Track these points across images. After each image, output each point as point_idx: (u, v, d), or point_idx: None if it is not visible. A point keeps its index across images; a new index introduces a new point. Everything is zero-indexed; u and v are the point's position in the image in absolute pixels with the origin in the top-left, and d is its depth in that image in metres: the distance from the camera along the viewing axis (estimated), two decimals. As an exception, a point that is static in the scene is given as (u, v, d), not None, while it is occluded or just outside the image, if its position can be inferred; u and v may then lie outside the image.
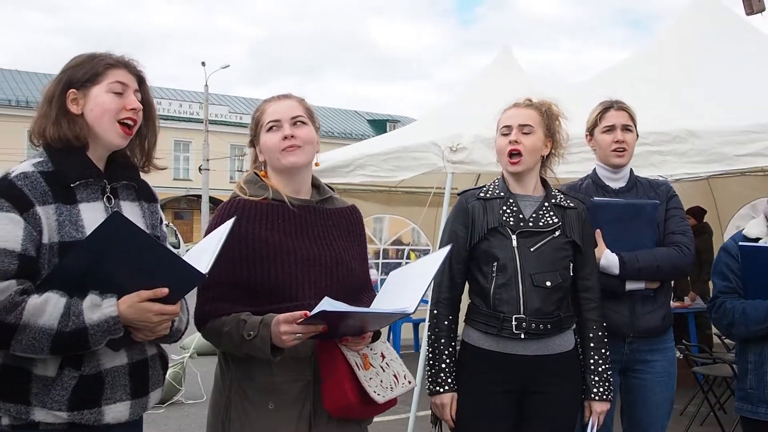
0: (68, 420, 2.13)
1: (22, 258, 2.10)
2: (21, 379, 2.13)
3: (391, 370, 2.57)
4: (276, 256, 2.48)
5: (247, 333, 2.36)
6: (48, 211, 2.16)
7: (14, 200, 2.13)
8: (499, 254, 2.96)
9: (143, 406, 2.31)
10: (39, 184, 2.17)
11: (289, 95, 2.70)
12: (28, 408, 2.12)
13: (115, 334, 2.10)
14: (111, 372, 2.20)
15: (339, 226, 2.67)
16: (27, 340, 2.04)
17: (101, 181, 2.30)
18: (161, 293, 2.10)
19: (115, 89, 2.29)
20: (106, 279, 2.10)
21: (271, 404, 2.46)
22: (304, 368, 2.48)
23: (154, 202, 2.49)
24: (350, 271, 2.61)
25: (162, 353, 2.44)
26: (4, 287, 2.05)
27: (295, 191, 2.63)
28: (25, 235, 2.11)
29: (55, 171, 2.22)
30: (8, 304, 2.03)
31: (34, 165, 2.23)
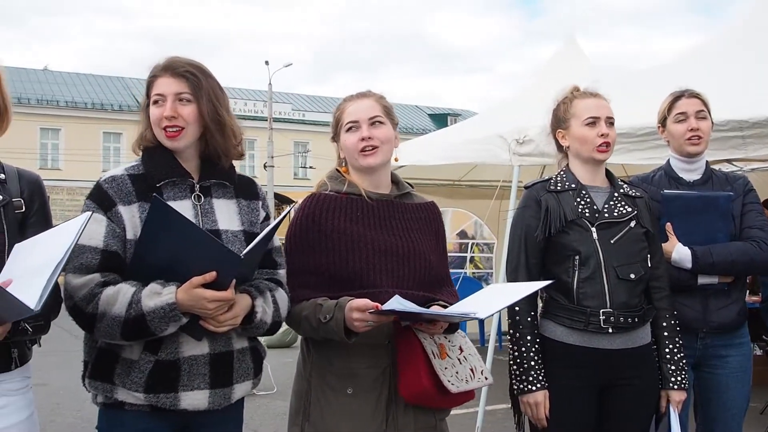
0: (146, 402, 2.27)
1: (104, 253, 2.27)
2: (110, 360, 2.31)
3: (468, 364, 2.61)
4: (354, 246, 2.58)
5: (323, 316, 2.46)
6: (131, 210, 2.31)
7: (99, 201, 2.32)
8: (579, 247, 2.92)
9: (226, 397, 2.37)
10: (125, 186, 2.34)
11: (368, 93, 2.75)
12: (112, 387, 2.30)
13: (176, 320, 2.20)
14: (189, 360, 2.29)
15: (417, 220, 2.74)
16: (104, 327, 2.21)
17: (187, 180, 2.41)
18: (209, 278, 2.17)
19: (155, 100, 2.40)
20: (171, 268, 2.21)
21: (350, 389, 2.55)
22: (382, 355, 2.55)
23: (256, 200, 2.57)
24: (427, 263, 2.67)
25: (256, 347, 2.50)
26: (87, 280, 2.22)
27: (374, 186, 2.72)
28: (107, 232, 2.28)
29: (144, 173, 2.39)
30: (89, 295, 2.22)
31: (126, 169, 2.42)
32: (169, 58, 2.44)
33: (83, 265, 2.24)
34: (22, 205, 2.31)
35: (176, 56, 2.44)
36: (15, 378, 2.27)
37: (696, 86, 3.50)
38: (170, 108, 2.37)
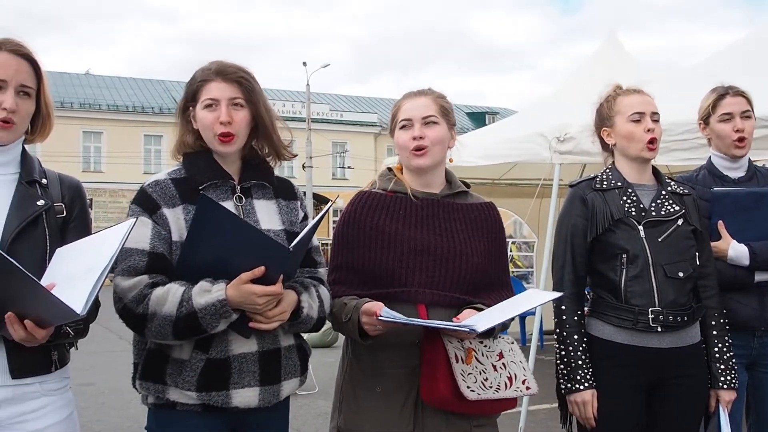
0: (198, 401, 2.29)
1: (151, 255, 2.31)
2: (160, 361, 2.34)
3: (507, 372, 2.54)
4: (390, 244, 2.59)
5: (344, 316, 2.50)
6: (176, 212, 2.35)
7: (144, 205, 2.36)
8: (627, 245, 2.89)
9: (274, 394, 2.39)
10: (168, 189, 2.38)
11: (426, 91, 2.74)
12: (164, 387, 2.32)
13: (227, 317, 2.22)
14: (239, 358, 2.32)
15: (465, 221, 2.70)
16: (155, 327, 2.23)
17: (228, 181, 2.44)
18: (259, 273, 2.18)
19: (207, 104, 2.41)
20: (218, 266, 2.23)
21: (379, 387, 2.56)
22: (411, 355, 2.54)
23: (294, 200, 2.59)
24: (470, 264, 2.62)
25: (302, 344, 2.52)
26: (135, 282, 2.26)
27: (424, 186, 2.71)
28: (153, 235, 2.31)
29: (186, 176, 2.43)
30: (139, 296, 2.25)
31: (168, 173, 2.46)
32: (219, 62, 2.45)
33: (131, 268, 2.27)
34: (63, 210, 2.33)
35: (225, 61, 2.46)
36: (55, 379, 2.29)
37: (738, 82, 3.44)
38: (226, 113, 2.39)
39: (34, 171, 2.33)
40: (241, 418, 2.37)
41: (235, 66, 2.46)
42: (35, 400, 2.22)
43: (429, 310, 2.54)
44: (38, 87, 2.32)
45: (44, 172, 2.37)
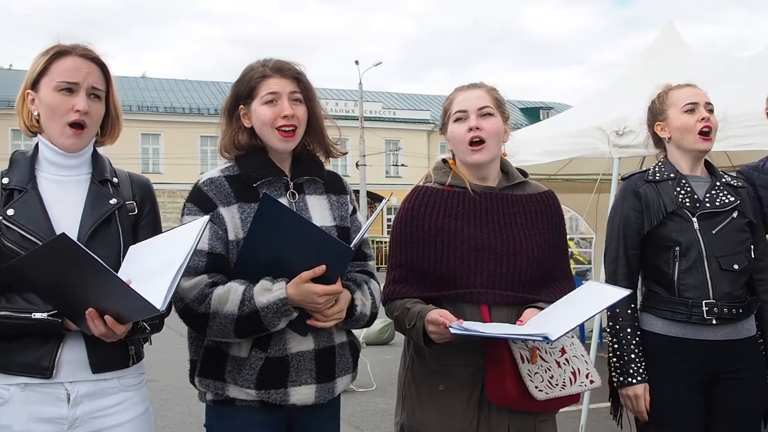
0: (257, 398, 2.33)
1: (210, 255, 2.33)
2: (219, 359, 2.37)
3: (570, 367, 2.50)
4: (451, 244, 2.54)
5: (408, 322, 2.47)
6: (231, 211, 2.36)
7: (201, 204, 2.38)
8: (680, 238, 2.86)
9: (330, 391, 2.42)
10: (223, 188, 2.39)
11: (479, 84, 2.71)
12: (223, 385, 2.36)
13: (288, 315, 2.25)
14: (296, 356, 2.35)
15: (525, 213, 2.64)
16: (217, 326, 2.27)
17: (282, 178, 2.45)
18: (320, 271, 2.20)
19: (267, 99, 2.42)
20: (277, 265, 2.24)
21: (442, 386, 2.53)
22: (475, 354, 2.50)
23: (344, 194, 2.60)
24: (530, 260, 2.58)
25: (353, 341, 2.54)
26: (196, 282, 2.29)
27: (481, 179, 2.67)
28: (211, 234, 2.34)
29: (240, 174, 2.43)
30: (200, 296, 2.28)
31: (221, 170, 2.46)
32: (275, 59, 2.47)
33: (191, 268, 2.29)
34: (135, 208, 2.38)
35: (281, 59, 2.48)
36: (132, 374, 2.35)
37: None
38: (288, 106, 2.41)
39: (106, 171, 2.39)
40: (297, 414, 2.40)
41: (291, 62, 2.48)
42: (114, 395, 2.28)
43: (491, 310, 2.51)
44: (107, 90, 2.37)
45: (115, 171, 2.43)
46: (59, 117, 2.27)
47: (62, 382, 2.20)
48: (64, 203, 2.28)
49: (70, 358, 2.21)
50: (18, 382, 2.19)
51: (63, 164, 2.32)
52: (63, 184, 2.31)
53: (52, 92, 2.27)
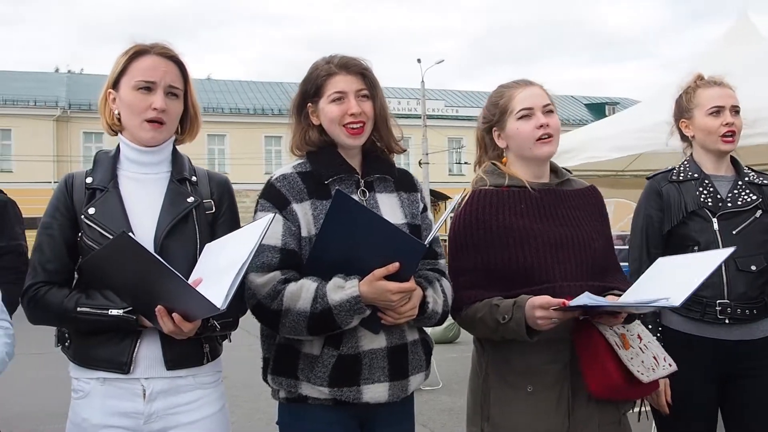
0: (330, 396, 2.31)
1: (283, 251, 2.34)
2: (292, 356, 2.37)
3: (650, 352, 2.51)
4: (524, 241, 2.51)
5: (501, 317, 2.41)
6: (304, 207, 2.36)
7: (274, 200, 2.37)
8: (699, 238, 2.89)
9: (403, 389, 2.40)
10: (296, 184, 2.39)
11: (533, 82, 2.69)
12: (296, 382, 2.36)
13: (361, 312, 2.23)
14: (369, 354, 2.33)
15: (581, 207, 2.66)
16: (289, 323, 2.26)
17: (353, 175, 2.44)
18: (393, 268, 2.17)
19: (335, 98, 2.41)
20: (349, 262, 2.23)
21: (530, 387, 2.48)
22: (561, 349, 2.48)
23: (415, 192, 2.59)
24: (594, 251, 2.59)
25: (425, 338, 2.52)
26: (269, 278, 2.29)
27: (537, 177, 2.65)
28: (284, 231, 2.33)
29: (312, 170, 2.42)
30: (272, 293, 2.28)
31: (294, 167, 2.46)
32: (340, 56, 2.47)
33: (264, 264, 2.31)
34: (212, 206, 2.42)
35: (346, 55, 2.47)
36: (208, 372, 2.38)
37: None
38: (356, 104, 2.41)
39: (185, 169, 2.43)
40: (370, 412, 2.38)
41: (357, 59, 2.48)
42: (189, 392, 2.32)
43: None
44: (185, 88, 2.40)
45: (194, 170, 2.47)
46: (137, 115, 2.32)
47: (139, 378, 2.25)
48: (143, 201, 2.33)
49: (146, 354, 2.25)
50: (97, 377, 2.26)
51: (143, 162, 2.38)
52: (143, 183, 2.37)
53: (131, 91, 2.32)
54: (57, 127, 37.57)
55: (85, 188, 2.33)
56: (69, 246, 2.30)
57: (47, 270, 2.28)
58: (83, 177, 2.37)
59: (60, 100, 38.23)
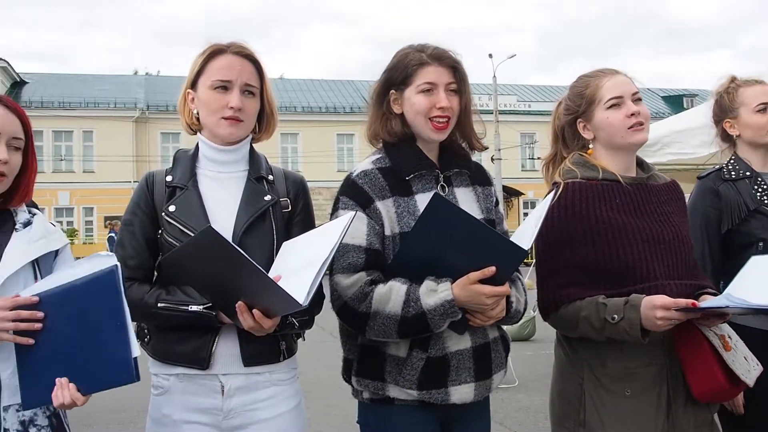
0: (418, 398, 2.28)
1: (368, 251, 2.29)
2: (377, 358, 2.33)
3: (740, 352, 2.40)
4: (623, 237, 2.42)
5: (610, 316, 2.31)
6: (387, 205, 2.32)
7: (357, 198, 2.33)
8: (763, 234, 2.84)
9: (487, 388, 2.38)
10: (377, 181, 2.35)
11: (619, 71, 2.60)
12: (383, 384, 2.32)
13: (453, 316, 2.18)
14: (456, 355, 2.30)
15: (669, 202, 2.56)
16: (378, 326, 2.23)
17: (433, 171, 2.40)
18: (489, 272, 2.12)
19: (424, 89, 2.35)
20: (438, 264, 2.18)
21: (628, 390, 2.39)
22: (657, 351, 2.39)
23: (489, 186, 2.54)
24: (689, 247, 2.51)
25: (504, 335, 2.48)
26: (355, 279, 2.25)
27: (625, 169, 2.55)
28: (368, 230, 2.30)
29: (392, 166, 2.38)
30: (360, 294, 2.24)
31: (373, 162, 2.41)
32: (433, 46, 2.40)
33: (350, 265, 2.27)
34: (288, 205, 2.40)
35: (439, 46, 2.41)
36: (283, 369, 2.37)
37: None
38: (445, 98, 2.35)
39: (262, 168, 2.43)
40: (451, 411, 2.36)
41: (450, 51, 2.41)
42: (266, 389, 2.31)
43: None
44: (261, 86, 2.40)
45: (270, 168, 2.46)
46: (215, 113, 2.33)
47: (217, 374, 2.26)
48: (221, 199, 2.34)
49: (224, 351, 2.26)
50: (177, 373, 2.28)
51: (221, 160, 2.39)
52: (221, 181, 2.38)
53: (208, 90, 2.33)
54: (136, 128, 38.70)
55: (165, 186, 2.35)
56: (149, 242, 2.33)
57: (128, 266, 2.29)
58: (163, 175, 2.39)
59: (139, 101, 39.38)
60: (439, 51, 2.39)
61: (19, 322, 1.96)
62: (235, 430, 2.30)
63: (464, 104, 2.43)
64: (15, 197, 2.20)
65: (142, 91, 40.76)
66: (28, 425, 2.05)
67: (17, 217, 2.18)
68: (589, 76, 2.61)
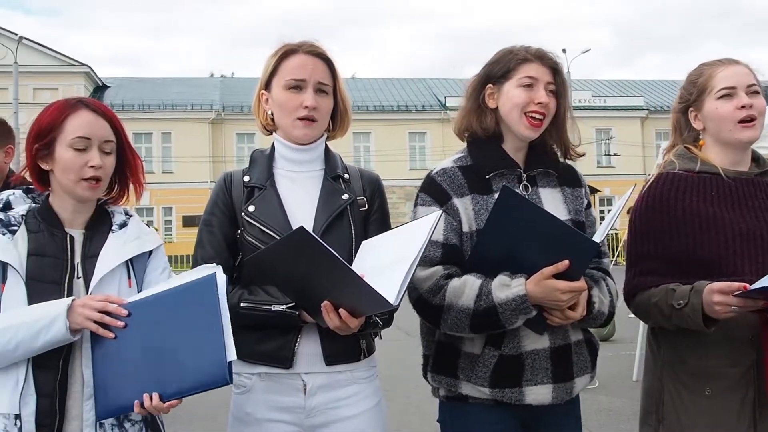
0: (491, 396, 2.27)
1: (445, 246, 2.30)
2: (452, 354, 2.34)
3: None
4: (710, 229, 2.33)
5: (676, 302, 2.25)
6: (465, 202, 2.32)
7: (435, 194, 2.35)
8: None
9: (568, 392, 2.33)
10: (456, 178, 2.35)
11: (739, 61, 2.49)
12: (456, 381, 2.33)
13: (526, 312, 2.16)
14: (531, 354, 2.27)
15: None
16: (451, 319, 2.23)
17: (515, 170, 2.38)
18: (562, 267, 2.09)
19: (524, 83, 2.34)
20: (513, 259, 2.16)
21: (708, 390, 2.31)
22: (745, 351, 2.28)
23: (579, 187, 2.49)
24: None
25: (590, 339, 2.43)
26: (431, 272, 2.26)
27: (734, 164, 2.45)
28: (445, 226, 2.30)
29: (473, 164, 2.38)
30: (434, 287, 2.25)
31: (454, 161, 2.42)
32: (537, 48, 2.41)
33: (427, 258, 2.26)
34: (365, 203, 2.41)
35: (541, 47, 2.41)
36: (364, 367, 2.38)
37: None
38: (544, 94, 2.34)
39: (338, 167, 2.45)
40: (533, 413, 2.31)
41: (551, 53, 2.41)
42: (347, 387, 2.33)
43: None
44: (334, 84, 2.41)
45: (346, 167, 2.48)
46: (289, 113, 2.35)
47: (299, 373, 2.29)
48: (299, 199, 2.37)
49: (305, 350, 2.28)
50: (259, 372, 2.30)
51: (297, 160, 2.41)
52: (298, 181, 2.41)
53: (282, 91, 2.35)
54: (212, 129, 39.49)
55: (243, 186, 2.38)
56: (228, 242, 2.35)
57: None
58: (241, 175, 2.42)
59: (214, 103, 40.21)
60: (542, 51, 2.40)
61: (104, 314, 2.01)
62: (317, 429, 2.31)
63: (563, 108, 2.41)
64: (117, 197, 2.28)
65: (218, 93, 41.59)
66: (123, 420, 2.10)
67: (114, 219, 2.24)
68: (705, 65, 2.53)
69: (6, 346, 1.97)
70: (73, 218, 2.17)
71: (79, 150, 2.09)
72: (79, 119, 2.12)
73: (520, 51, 2.38)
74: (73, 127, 2.10)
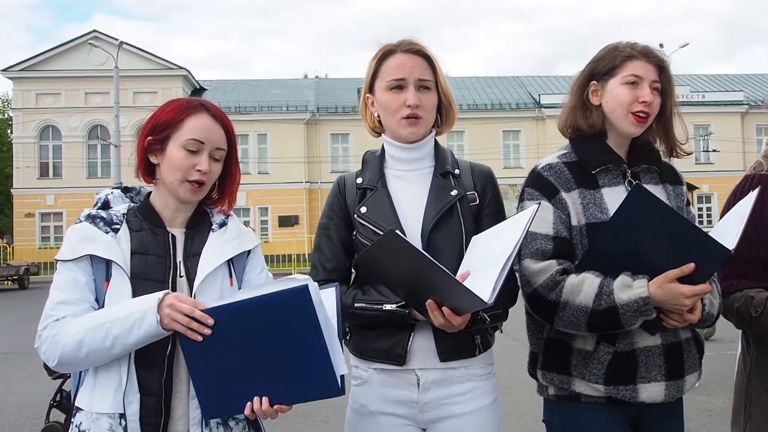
0: (605, 393, 2.23)
1: (556, 239, 2.27)
2: (563, 351, 2.30)
3: None
4: None
5: (754, 309, 2.26)
6: (573, 197, 2.30)
7: (542, 188, 2.33)
8: None
9: (679, 389, 2.28)
10: (562, 173, 2.34)
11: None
12: (569, 378, 2.29)
13: (647, 315, 2.11)
14: (644, 351, 2.23)
15: None
16: (567, 317, 2.19)
17: (620, 166, 2.36)
18: (688, 270, 2.03)
19: (629, 81, 2.32)
20: (635, 259, 2.11)
21: None
22: None
23: (680, 185, 2.46)
24: None
25: (697, 336, 2.38)
26: (545, 266, 2.24)
27: None
28: (554, 219, 2.29)
29: (578, 160, 2.36)
30: (550, 283, 2.22)
31: (558, 156, 2.41)
32: (643, 45, 2.37)
33: (539, 250, 2.26)
34: (476, 198, 2.42)
35: (648, 44, 2.38)
36: (479, 364, 2.37)
37: None
38: (649, 93, 2.31)
39: (447, 163, 2.46)
40: (644, 413, 2.28)
41: (658, 51, 2.37)
42: (461, 384, 2.33)
43: None
44: (436, 79, 2.42)
45: (457, 162, 2.49)
46: (393, 114, 2.37)
47: (413, 369, 2.30)
48: (410, 198, 2.38)
49: (420, 346, 2.30)
50: (375, 367, 2.35)
51: (406, 158, 2.43)
52: (408, 180, 2.43)
53: (384, 92, 2.37)
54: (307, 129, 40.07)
55: (356, 189, 2.42)
56: (345, 244, 2.40)
57: (326, 269, 2.39)
58: (354, 178, 2.45)
59: (309, 104, 40.79)
60: (649, 49, 2.35)
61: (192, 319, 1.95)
62: (430, 424, 2.33)
63: (669, 106, 2.37)
64: (214, 201, 2.27)
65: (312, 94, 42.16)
66: (228, 418, 2.09)
67: (213, 218, 2.25)
68: None
69: (103, 342, 1.95)
70: (174, 217, 2.19)
71: (190, 152, 2.10)
72: (198, 122, 2.12)
73: (625, 48, 2.36)
74: (190, 128, 2.11)
